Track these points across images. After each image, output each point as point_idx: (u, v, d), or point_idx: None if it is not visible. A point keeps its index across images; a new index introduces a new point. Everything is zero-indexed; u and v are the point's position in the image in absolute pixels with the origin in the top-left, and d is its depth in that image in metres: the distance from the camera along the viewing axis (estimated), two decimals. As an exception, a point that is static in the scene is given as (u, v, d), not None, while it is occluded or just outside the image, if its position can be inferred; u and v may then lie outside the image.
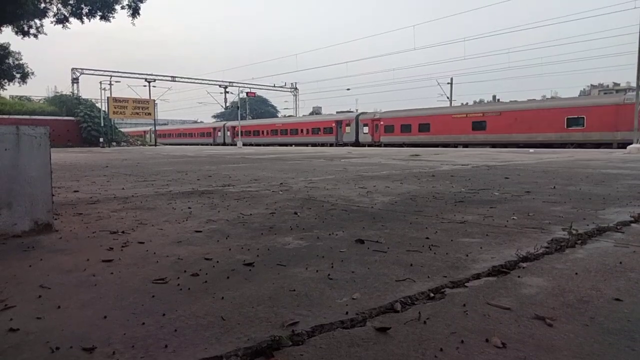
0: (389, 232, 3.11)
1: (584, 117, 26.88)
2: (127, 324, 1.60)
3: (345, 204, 4.42)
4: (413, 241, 2.82)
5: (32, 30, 18.22)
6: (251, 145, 46.33)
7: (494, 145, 29.21)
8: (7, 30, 17.74)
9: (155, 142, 45.69)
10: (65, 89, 45.53)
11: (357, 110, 53.51)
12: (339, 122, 41.96)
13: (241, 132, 49.45)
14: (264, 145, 45.32)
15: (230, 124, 56.37)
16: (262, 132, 50.57)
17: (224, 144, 53.88)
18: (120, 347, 1.42)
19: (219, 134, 56.21)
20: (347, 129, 40.73)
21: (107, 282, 2.09)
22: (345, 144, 39.65)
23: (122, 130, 52.41)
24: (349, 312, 1.68)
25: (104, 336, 1.50)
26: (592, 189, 5.40)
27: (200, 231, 3.19)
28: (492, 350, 1.40)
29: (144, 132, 67.63)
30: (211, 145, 53.16)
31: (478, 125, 31.39)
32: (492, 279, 2.10)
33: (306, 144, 42.29)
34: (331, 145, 40.49)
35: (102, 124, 39.32)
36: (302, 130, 45.56)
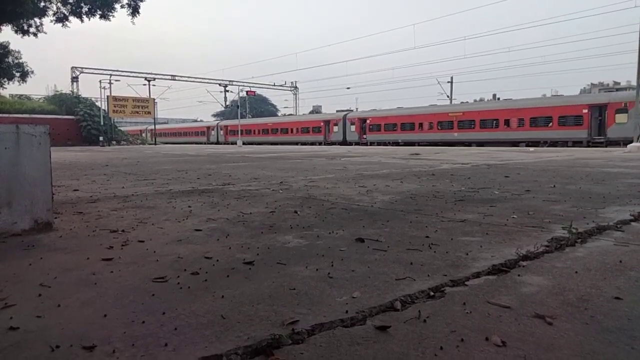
0: (389, 230, 3.11)
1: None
2: (127, 323, 1.60)
3: (346, 202, 4.42)
4: (413, 240, 2.82)
5: (32, 29, 18.19)
6: (244, 144, 47.18)
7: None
8: (7, 29, 17.72)
9: (155, 141, 45.63)
10: (65, 87, 45.46)
11: (357, 109, 53.50)
12: (327, 122, 42.67)
13: (233, 131, 49.83)
14: (256, 144, 45.67)
15: (223, 123, 57.22)
16: (254, 131, 50.93)
17: (217, 142, 54.33)
18: (120, 346, 1.42)
19: (213, 132, 56.73)
20: (335, 128, 41.30)
21: (107, 280, 2.09)
22: (333, 143, 40.06)
23: (121, 129, 52.46)
24: (349, 311, 1.68)
25: (104, 335, 1.50)
26: (592, 187, 5.40)
27: (200, 230, 3.19)
28: (492, 348, 1.40)
29: (140, 130, 67.91)
30: (205, 143, 53.61)
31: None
32: (492, 277, 2.10)
33: (296, 143, 42.49)
34: (320, 144, 40.99)
35: (102, 123, 39.30)
36: (292, 130, 46.14)
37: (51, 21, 16.94)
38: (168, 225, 3.39)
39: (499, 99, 40.99)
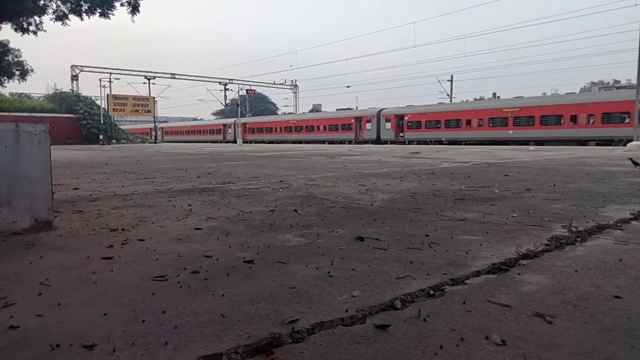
0: (389, 229, 3.11)
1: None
2: (127, 321, 1.60)
3: (345, 201, 4.42)
4: (413, 239, 2.82)
5: (32, 27, 18.15)
6: (263, 142, 44.58)
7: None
8: (7, 27, 17.71)
9: (155, 139, 45.54)
10: (65, 86, 45.33)
11: (356, 107, 53.35)
12: (358, 119, 39.13)
13: (252, 128, 48.01)
14: (276, 142, 43.08)
15: (241, 120, 53.12)
16: (275, 129, 47.81)
17: (234, 141, 50.37)
18: (121, 344, 1.43)
19: (230, 130, 53.65)
20: (368, 125, 37.87)
21: (107, 279, 2.09)
22: (365, 142, 37.16)
23: (125, 127, 52.29)
24: (349, 310, 1.68)
25: (104, 333, 1.50)
26: (592, 186, 5.40)
27: (201, 228, 3.19)
28: (491, 347, 1.40)
29: (150, 129, 66.73)
30: (221, 142, 51.37)
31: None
32: (492, 276, 2.10)
33: (322, 142, 39.70)
34: (350, 142, 38.03)
35: (102, 121, 39.29)
36: (318, 127, 42.84)
37: (51, 19, 16.90)
38: (168, 223, 3.39)
39: (498, 97, 40.10)
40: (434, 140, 32.63)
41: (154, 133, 55.51)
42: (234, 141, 49.75)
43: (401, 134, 35.55)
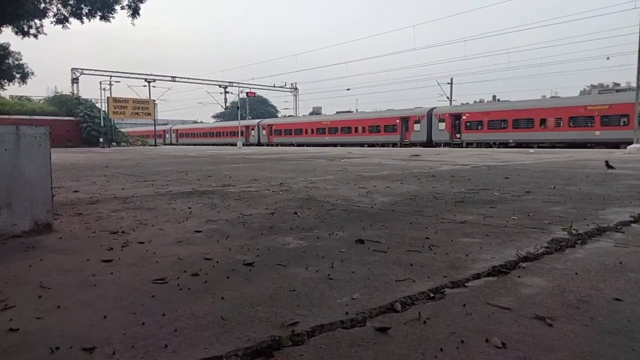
0: (389, 232, 3.11)
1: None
2: (127, 324, 1.60)
3: (346, 204, 4.42)
4: (413, 241, 2.82)
5: (32, 31, 18.19)
6: (292, 145, 41.42)
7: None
8: (7, 31, 17.73)
9: (155, 142, 45.48)
10: (65, 89, 45.57)
11: (357, 110, 53.17)
12: (404, 119, 35.66)
13: (278, 130, 45.26)
14: (306, 145, 39.56)
15: (265, 122, 50.81)
16: (306, 130, 43.78)
17: (259, 143, 48.02)
18: (120, 347, 1.42)
19: (253, 133, 50.20)
20: (416, 126, 34.56)
21: (107, 282, 2.09)
22: (413, 144, 33.76)
23: (128, 130, 52.01)
24: (349, 312, 1.68)
25: (104, 336, 1.50)
26: (592, 189, 5.40)
27: (200, 231, 3.19)
28: (492, 350, 1.40)
29: (164, 131, 63.87)
30: (243, 145, 45.55)
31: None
32: (492, 279, 2.10)
33: (361, 145, 36.39)
34: (394, 145, 34.76)
35: (102, 124, 39.33)
36: (356, 129, 39.09)
37: (51, 22, 16.96)
38: (168, 226, 3.39)
39: (499, 100, 39.28)
40: (497, 143, 29.33)
41: (167, 135, 54.11)
42: (258, 144, 47.69)
43: (457, 135, 32.16)
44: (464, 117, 31.84)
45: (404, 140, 35.40)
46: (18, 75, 26.67)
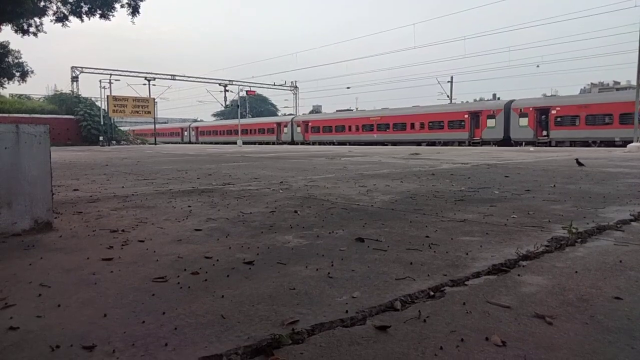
0: (389, 230, 3.11)
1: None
2: (127, 323, 1.60)
3: (345, 202, 4.42)
4: (413, 240, 2.82)
5: (32, 29, 18.18)
6: (332, 144, 38.08)
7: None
8: (7, 29, 17.72)
9: (155, 141, 45.43)
10: (65, 87, 45.45)
11: (356, 108, 52.87)
12: (474, 114, 31.60)
13: (316, 127, 41.84)
14: (350, 144, 35.72)
15: (300, 118, 46.50)
16: (349, 127, 39.66)
17: (293, 142, 44.04)
18: (120, 346, 1.42)
19: (286, 130, 46.12)
20: (490, 121, 30.44)
21: (107, 280, 2.09)
22: (485, 142, 30.10)
23: (133, 128, 51.34)
24: (349, 311, 1.68)
25: (104, 334, 1.50)
26: (592, 187, 5.40)
27: (200, 230, 3.19)
28: (492, 348, 1.40)
29: (182, 128, 61.78)
30: (274, 144, 44.58)
31: None
32: (492, 277, 2.10)
33: (418, 143, 32.77)
34: (460, 143, 31.36)
35: (102, 123, 39.32)
36: (412, 125, 34.81)
37: (51, 21, 16.94)
38: (168, 225, 3.39)
39: (498, 98, 38.00)
40: (599, 141, 25.48)
41: (186, 133, 51.27)
42: (292, 142, 43.90)
43: (544, 133, 28.15)
44: (554, 112, 27.44)
45: (473, 138, 31.47)
46: (18, 74, 26.67)
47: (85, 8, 16.53)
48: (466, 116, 31.99)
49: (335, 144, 37.67)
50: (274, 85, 59.96)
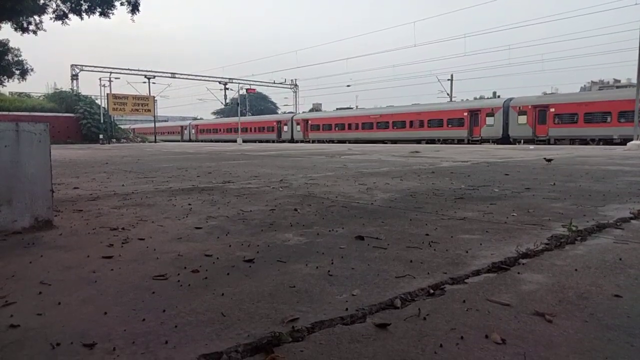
0: (389, 228, 3.11)
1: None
2: (128, 320, 1.60)
3: (345, 200, 4.42)
4: (413, 238, 2.82)
5: (31, 27, 18.12)
6: (332, 142, 37.85)
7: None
8: (6, 27, 17.69)
9: (155, 139, 45.38)
10: (65, 85, 45.25)
11: (356, 106, 52.73)
12: (474, 112, 30.96)
13: (316, 125, 41.57)
14: (350, 142, 35.30)
15: (301, 116, 45.98)
16: (349, 125, 39.14)
17: (292, 140, 43.72)
18: (121, 343, 1.43)
19: (286, 128, 45.89)
20: (489, 119, 29.79)
21: (108, 278, 2.09)
22: (484, 140, 29.58)
23: (133, 127, 51.44)
24: (349, 309, 1.69)
25: (105, 332, 1.51)
26: (591, 185, 5.40)
27: (201, 228, 3.19)
28: (491, 346, 1.40)
29: (182, 127, 62.08)
30: (274, 142, 43.91)
31: None
32: (492, 275, 2.10)
33: (418, 141, 32.47)
34: (460, 141, 30.93)
35: (102, 121, 39.30)
36: (411, 123, 34.14)
37: (51, 19, 16.88)
38: (168, 223, 3.39)
39: (499, 96, 37.14)
40: (597, 139, 25.38)
41: (186, 131, 50.89)
42: (292, 140, 43.60)
43: (543, 131, 28.03)
44: (552, 110, 27.35)
45: (472, 136, 31.29)
46: (17, 72, 26.60)
47: (85, 6, 16.49)
48: (465, 114, 31.90)
49: (335, 142, 37.65)
50: (274, 83, 59.88)
